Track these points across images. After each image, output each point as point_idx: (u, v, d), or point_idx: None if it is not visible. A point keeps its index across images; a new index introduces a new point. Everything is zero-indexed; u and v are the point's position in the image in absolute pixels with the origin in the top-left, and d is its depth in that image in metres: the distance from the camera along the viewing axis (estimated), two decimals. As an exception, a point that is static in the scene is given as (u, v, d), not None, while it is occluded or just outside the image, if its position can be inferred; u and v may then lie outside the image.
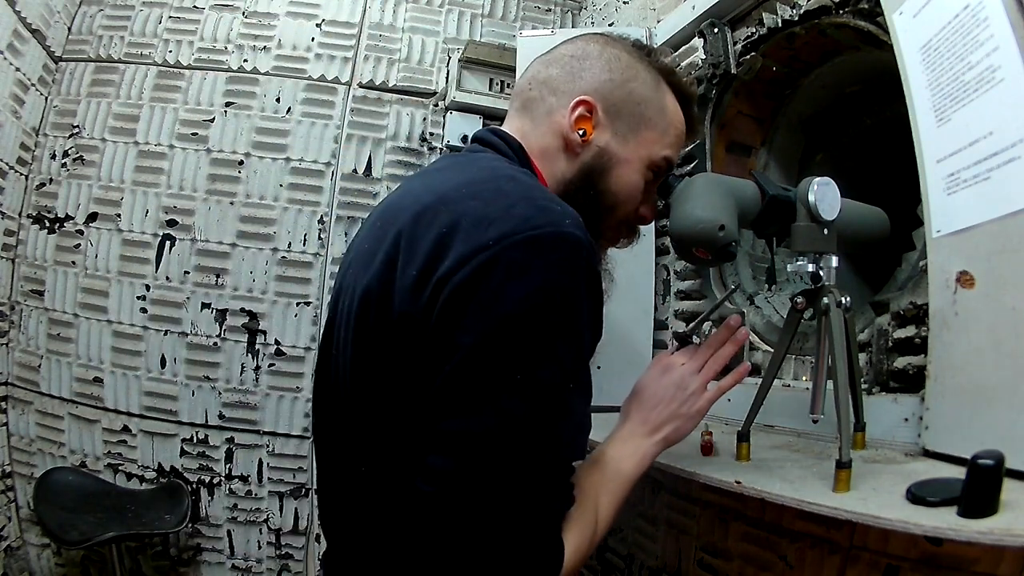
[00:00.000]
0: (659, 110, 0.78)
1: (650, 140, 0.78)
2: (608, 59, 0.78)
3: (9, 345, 1.83)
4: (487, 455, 0.56)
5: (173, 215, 1.86)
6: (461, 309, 0.57)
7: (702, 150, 1.47)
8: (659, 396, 0.79)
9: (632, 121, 0.76)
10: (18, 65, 1.73)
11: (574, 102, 0.75)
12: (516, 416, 0.56)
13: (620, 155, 0.76)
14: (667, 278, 1.56)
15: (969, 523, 0.59)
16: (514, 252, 0.57)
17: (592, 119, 0.75)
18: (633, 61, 0.78)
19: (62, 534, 1.53)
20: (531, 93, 0.79)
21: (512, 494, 0.57)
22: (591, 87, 0.76)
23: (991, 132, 0.76)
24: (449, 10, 2.09)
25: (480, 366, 0.57)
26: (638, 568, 1.49)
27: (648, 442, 0.77)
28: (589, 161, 0.75)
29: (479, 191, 0.64)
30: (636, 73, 0.77)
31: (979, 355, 0.77)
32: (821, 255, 0.85)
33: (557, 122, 0.76)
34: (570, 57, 0.79)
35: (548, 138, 0.76)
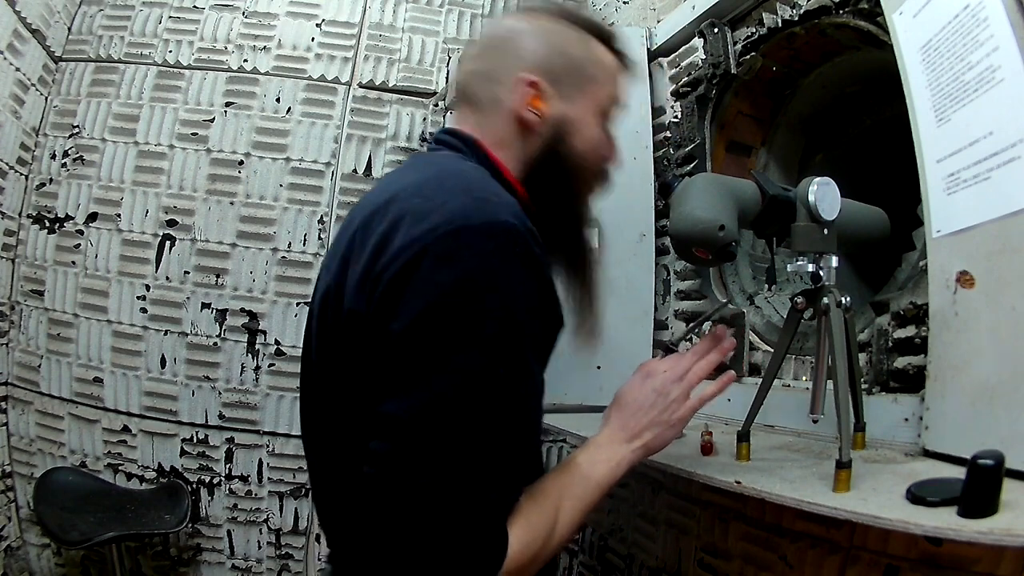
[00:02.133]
0: (594, 62, 0.80)
1: (596, 91, 0.79)
2: (535, 32, 0.78)
3: (9, 345, 1.83)
4: (418, 437, 0.57)
5: (173, 215, 1.86)
6: (395, 299, 0.59)
7: (702, 150, 1.47)
8: (639, 402, 0.79)
9: (576, 82, 0.77)
10: (18, 65, 1.73)
11: (519, 83, 0.75)
12: (444, 398, 0.57)
13: (576, 117, 0.77)
14: (667, 278, 1.56)
15: (969, 523, 0.59)
16: (444, 241, 0.58)
17: (540, 94, 0.75)
18: (558, 25, 0.79)
19: (62, 534, 1.53)
20: (472, 88, 0.79)
21: (444, 476, 0.57)
22: (530, 64, 0.76)
23: (991, 132, 0.76)
24: (449, 10, 2.09)
25: (409, 350, 0.58)
26: (638, 568, 1.49)
27: (625, 448, 0.77)
28: (549, 133, 0.76)
29: (424, 189, 0.65)
30: (565, 36, 0.78)
31: (979, 355, 0.77)
32: (821, 255, 0.85)
33: (508, 108, 0.75)
34: (499, 41, 0.79)
35: (503, 125, 0.76)
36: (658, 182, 1.55)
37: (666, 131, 1.57)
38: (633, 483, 1.58)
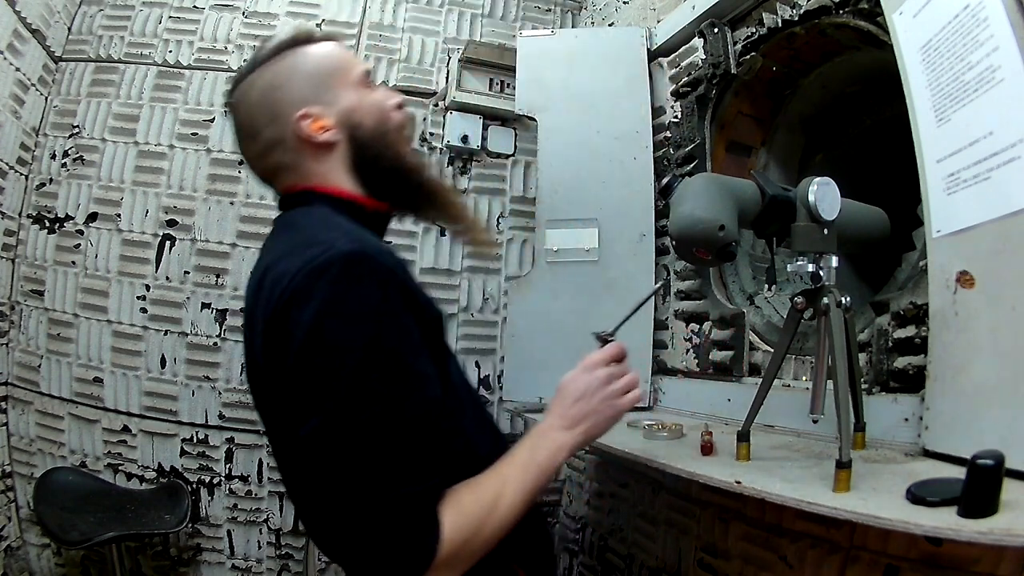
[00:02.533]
0: (318, 62, 0.88)
1: (342, 76, 0.88)
2: (272, 83, 0.87)
3: (9, 345, 1.83)
4: (325, 453, 0.66)
5: (173, 215, 1.86)
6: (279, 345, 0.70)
7: (702, 150, 1.47)
8: (579, 392, 0.84)
9: (325, 85, 0.87)
10: (18, 65, 1.73)
11: (295, 124, 0.84)
12: (334, 413, 0.66)
13: (347, 106, 0.87)
14: (667, 278, 1.56)
15: (969, 523, 0.59)
16: (298, 285, 0.68)
17: (315, 116, 0.84)
18: (276, 67, 0.88)
19: (62, 534, 1.53)
20: (272, 162, 0.87)
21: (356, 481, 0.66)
22: (289, 103, 0.84)
23: (991, 132, 0.76)
24: (449, 10, 2.09)
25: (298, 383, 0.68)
26: (638, 568, 1.50)
27: (566, 435, 0.82)
28: (345, 135, 0.86)
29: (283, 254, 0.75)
30: (293, 63, 0.88)
31: (979, 355, 0.77)
32: (821, 255, 0.85)
33: (304, 149, 0.85)
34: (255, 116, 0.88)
35: (315, 161, 0.85)
36: (658, 182, 1.55)
37: (666, 131, 1.57)
38: (633, 483, 1.58)
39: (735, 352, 1.31)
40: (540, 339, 1.54)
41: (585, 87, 1.62)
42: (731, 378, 1.31)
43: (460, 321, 1.97)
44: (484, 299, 1.99)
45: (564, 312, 1.55)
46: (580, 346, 1.51)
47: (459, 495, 0.71)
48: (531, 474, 0.78)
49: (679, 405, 1.43)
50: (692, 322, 1.46)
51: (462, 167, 2.02)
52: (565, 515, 1.98)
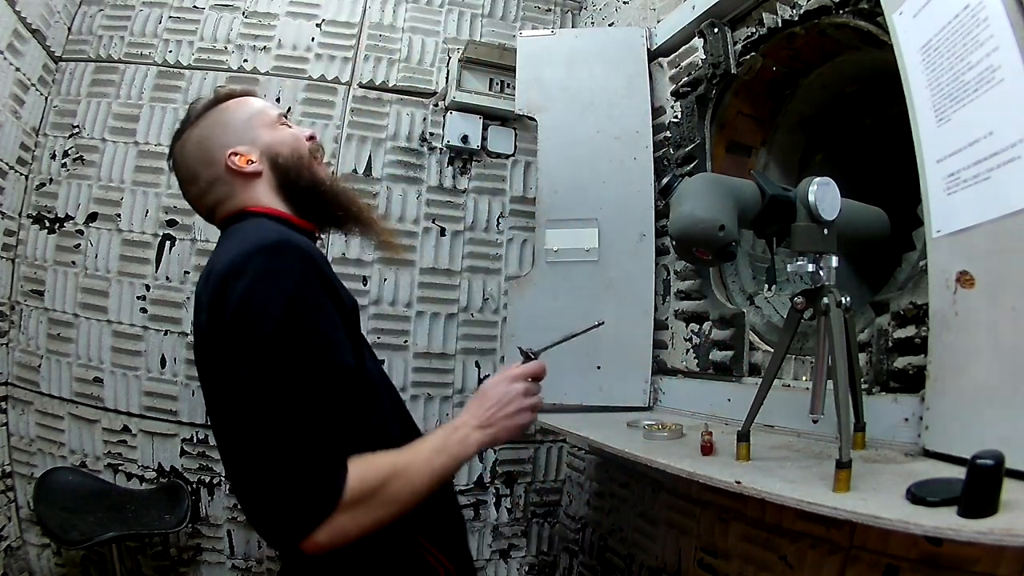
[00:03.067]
0: (240, 110, 1.06)
1: (260, 120, 1.06)
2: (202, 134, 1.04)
3: (9, 345, 1.83)
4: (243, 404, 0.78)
5: (173, 215, 1.86)
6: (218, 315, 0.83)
7: (702, 150, 1.47)
8: (497, 399, 0.95)
9: (246, 127, 1.04)
10: (18, 65, 1.73)
11: (225, 163, 1.00)
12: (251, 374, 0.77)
13: (268, 141, 1.04)
14: (667, 278, 1.56)
15: (969, 523, 0.59)
16: (233, 266, 0.83)
17: (242, 153, 1.02)
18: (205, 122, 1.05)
19: (62, 534, 1.53)
20: (211, 200, 1.03)
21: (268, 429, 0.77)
22: (220, 147, 1.02)
23: (991, 132, 0.76)
24: (449, 10, 2.09)
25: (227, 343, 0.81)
26: (638, 568, 1.50)
27: (478, 433, 0.92)
28: (268, 163, 1.03)
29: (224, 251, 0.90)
30: (218, 116, 1.05)
31: (979, 355, 0.77)
32: (821, 255, 0.85)
33: (240, 179, 1.01)
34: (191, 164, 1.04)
35: (245, 189, 1.01)
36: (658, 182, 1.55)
37: (666, 131, 1.57)
38: (633, 483, 1.58)
39: (735, 352, 1.31)
40: (540, 339, 1.54)
41: (585, 87, 1.62)
42: (731, 378, 1.31)
43: (460, 321, 1.97)
44: (484, 299, 1.99)
45: (564, 312, 1.55)
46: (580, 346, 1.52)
47: (370, 456, 0.82)
48: (441, 458, 0.88)
49: (679, 405, 1.43)
50: (692, 322, 1.46)
51: (462, 167, 2.02)
52: (565, 515, 1.98)
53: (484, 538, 1.96)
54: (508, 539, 1.98)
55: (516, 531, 1.99)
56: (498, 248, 2.02)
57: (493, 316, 1.99)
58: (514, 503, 1.98)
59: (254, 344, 0.78)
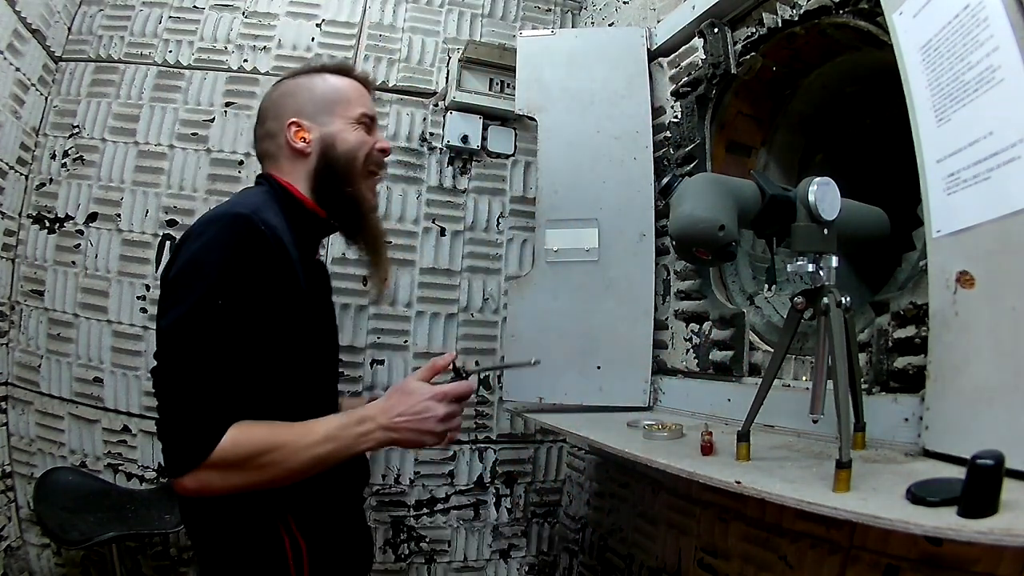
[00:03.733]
0: (335, 91, 1.12)
1: (344, 109, 1.11)
2: (284, 92, 1.12)
3: (9, 345, 1.83)
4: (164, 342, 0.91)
5: (173, 215, 1.86)
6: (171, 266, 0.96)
7: (702, 150, 1.47)
8: (415, 409, 0.97)
9: (325, 109, 1.10)
10: (18, 65, 1.73)
11: (285, 126, 1.08)
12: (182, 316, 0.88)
13: (333, 130, 1.10)
14: (667, 278, 1.56)
15: (969, 523, 0.59)
16: (197, 227, 0.95)
17: (303, 128, 1.08)
18: (302, 79, 1.13)
19: (62, 534, 1.53)
20: (263, 147, 1.14)
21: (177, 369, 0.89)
22: (289, 113, 1.09)
23: (991, 132, 0.76)
24: (449, 10, 2.09)
25: (170, 289, 0.94)
26: (638, 568, 1.50)
27: (379, 433, 0.95)
28: (319, 149, 1.09)
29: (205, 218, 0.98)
30: (304, 83, 1.12)
31: (979, 355, 0.77)
32: (821, 255, 0.85)
33: (288, 148, 1.09)
34: (268, 109, 1.13)
35: (292, 161, 1.09)
36: (658, 182, 1.55)
37: (666, 131, 1.57)
38: (633, 483, 1.58)
39: (735, 352, 1.31)
40: (540, 339, 1.54)
41: (585, 87, 1.62)
42: (731, 378, 1.31)
43: (460, 321, 1.97)
44: (484, 299, 1.99)
45: (564, 312, 1.55)
46: (580, 346, 1.52)
47: (254, 425, 0.89)
48: (329, 445, 0.92)
49: (679, 405, 1.43)
50: (692, 322, 1.46)
51: (462, 167, 2.02)
52: (565, 515, 1.98)
53: (484, 538, 1.96)
54: (508, 539, 1.98)
55: (516, 531, 1.99)
56: (498, 248, 2.02)
57: (493, 316, 1.99)
58: (514, 503, 1.98)
59: (183, 300, 0.88)
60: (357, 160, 1.11)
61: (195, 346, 0.87)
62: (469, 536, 1.95)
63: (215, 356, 0.87)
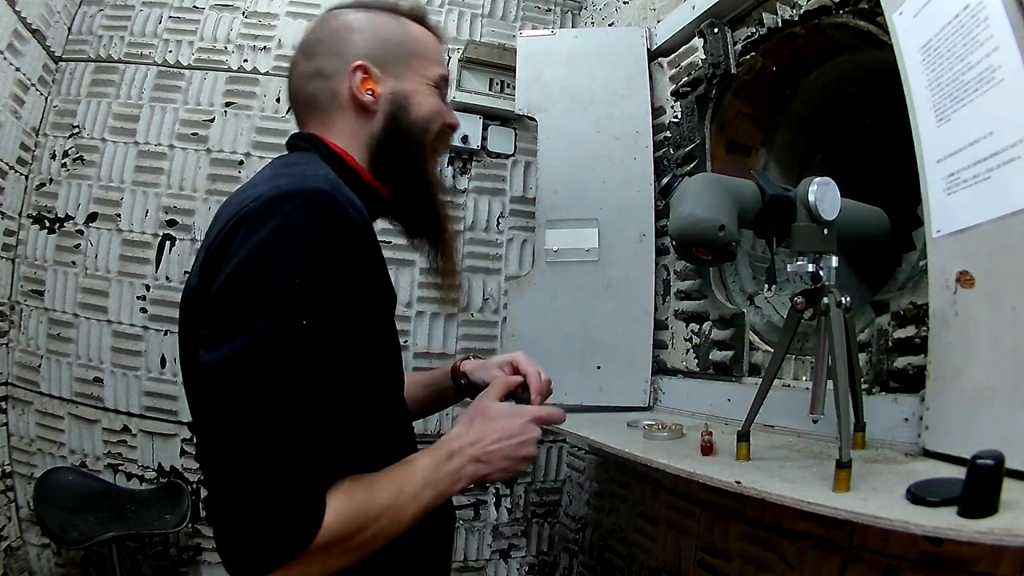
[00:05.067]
0: (414, 41, 0.87)
1: (422, 65, 0.86)
2: (352, 24, 0.85)
3: (9, 345, 1.83)
4: (229, 383, 0.60)
5: (173, 215, 1.86)
6: (215, 265, 0.65)
7: (702, 150, 1.47)
8: (511, 434, 0.79)
9: (401, 61, 0.85)
10: (18, 65, 1.73)
11: (349, 69, 0.81)
12: (250, 345, 0.60)
13: (408, 89, 0.84)
14: (667, 278, 1.56)
15: (969, 523, 0.59)
16: (256, 209, 0.64)
17: (371, 76, 0.82)
18: (371, 15, 0.86)
19: (62, 534, 1.53)
20: (308, 90, 0.84)
21: (253, 426, 0.59)
22: (356, 53, 0.82)
23: (991, 132, 0.76)
24: (449, 10, 2.09)
25: (222, 305, 0.62)
26: (638, 568, 1.50)
27: (473, 467, 0.76)
28: (388, 109, 0.83)
29: (259, 180, 0.73)
30: (382, 22, 0.86)
31: (979, 355, 0.77)
32: (821, 255, 0.85)
33: (345, 97, 0.82)
34: (322, 42, 0.85)
35: (345, 115, 0.82)
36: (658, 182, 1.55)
37: (666, 131, 1.57)
38: (633, 483, 1.58)
39: (735, 352, 1.31)
40: (540, 339, 1.54)
41: (585, 87, 1.62)
42: (731, 378, 1.31)
43: (460, 321, 1.97)
44: (484, 299, 1.99)
45: (564, 312, 1.55)
46: (580, 346, 1.52)
47: (352, 488, 0.66)
48: (429, 490, 0.72)
49: (679, 405, 1.43)
50: (692, 322, 1.46)
51: (462, 167, 2.02)
52: (565, 515, 1.98)
53: (484, 538, 1.96)
54: (508, 539, 1.98)
55: (516, 531, 1.99)
56: (498, 248, 2.02)
57: (493, 316, 1.99)
58: (514, 503, 1.98)
59: (248, 322, 0.60)
60: (430, 132, 0.86)
61: (273, 389, 0.60)
62: (469, 536, 1.95)
63: (301, 400, 0.61)
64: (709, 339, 1.38)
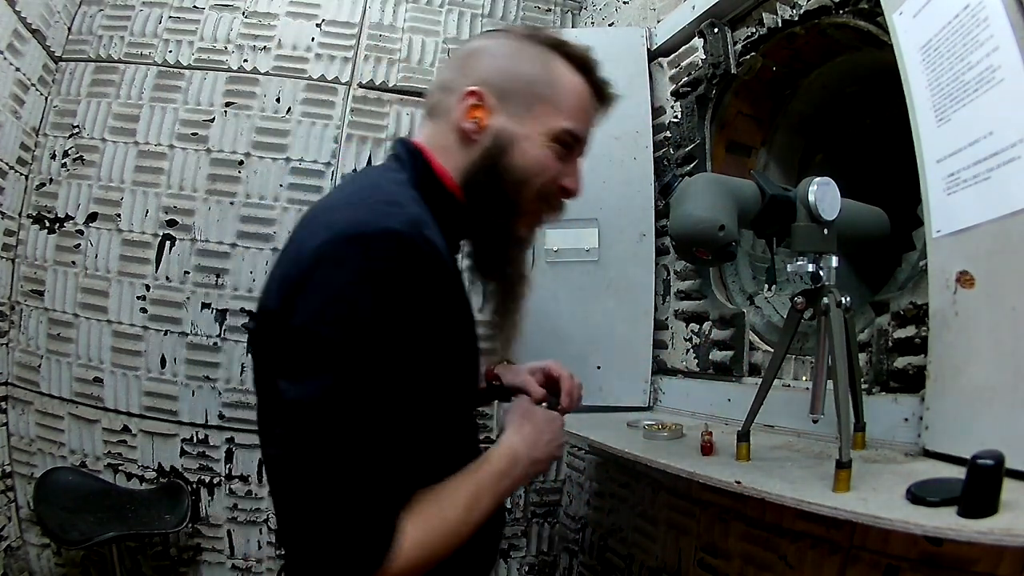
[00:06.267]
0: (550, 84, 0.80)
1: (547, 113, 0.80)
2: (493, 48, 0.82)
3: (9, 345, 1.83)
4: (304, 420, 0.63)
5: (173, 215, 1.86)
6: (294, 299, 0.65)
7: (702, 150, 1.47)
8: (552, 436, 0.84)
9: (525, 100, 0.79)
10: (18, 65, 1.73)
11: (463, 94, 0.78)
12: (327, 387, 0.62)
13: (518, 133, 0.79)
14: (667, 278, 1.56)
15: (969, 523, 0.59)
16: (338, 247, 0.64)
17: (483, 106, 0.78)
18: (519, 44, 0.81)
19: (62, 534, 1.53)
20: (433, 99, 0.84)
21: (332, 460, 0.61)
22: (480, 77, 0.79)
23: (991, 132, 0.76)
24: (449, 10, 2.09)
25: (305, 342, 0.64)
26: (638, 568, 1.49)
27: (529, 468, 0.80)
28: (488, 144, 0.78)
29: (344, 202, 0.73)
30: (522, 54, 0.80)
31: (979, 355, 0.77)
32: (821, 255, 0.85)
33: (453, 118, 0.79)
34: (460, 57, 0.85)
35: (448, 135, 0.80)
36: (658, 182, 1.55)
37: (666, 131, 1.57)
38: (633, 483, 1.58)
39: (735, 352, 1.31)
40: (540, 339, 1.54)
41: (585, 87, 1.62)
42: (731, 378, 1.31)
43: (460, 321, 1.97)
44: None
45: (564, 312, 1.55)
46: (580, 346, 1.52)
47: (424, 510, 0.67)
48: (493, 501, 0.74)
49: (679, 405, 1.43)
50: (692, 322, 1.46)
51: (462, 167, 2.02)
52: (565, 515, 1.98)
53: (484, 538, 1.97)
54: (508, 539, 1.98)
55: (516, 531, 1.99)
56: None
57: (493, 316, 1.99)
58: (514, 503, 1.98)
59: (331, 363, 0.62)
60: (528, 186, 0.80)
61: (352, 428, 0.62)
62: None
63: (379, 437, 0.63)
64: (709, 339, 1.38)
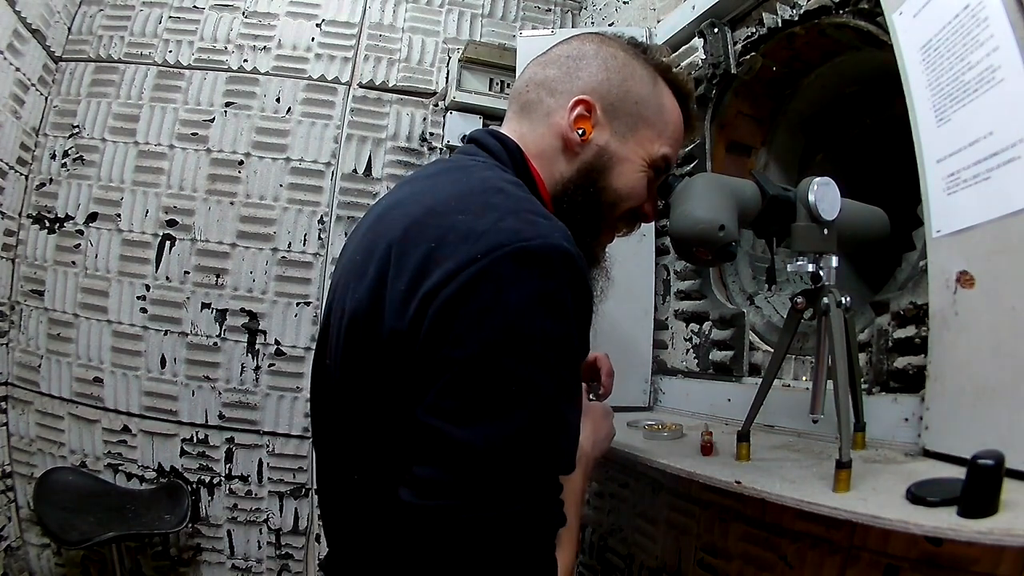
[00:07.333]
0: (656, 108, 0.79)
1: (649, 138, 0.78)
2: (605, 58, 0.78)
3: (9, 345, 1.83)
4: (485, 466, 0.55)
5: (173, 215, 1.86)
6: (450, 323, 0.56)
7: (702, 150, 1.47)
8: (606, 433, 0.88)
9: (630, 120, 0.77)
10: (18, 65, 1.73)
11: (573, 101, 0.74)
12: (518, 427, 0.55)
13: (620, 153, 0.76)
14: (667, 278, 1.56)
15: (969, 523, 0.59)
16: (504, 264, 0.56)
17: (591, 118, 0.75)
18: (629, 59, 0.78)
19: (62, 534, 1.53)
20: (529, 95, 0.79)
21: (507, 507, 0.55)
22: (589, 86, 0.76)
23: (991, 132, 0.76)
24: (449, 10, 2.09)
25: (478, 378, 0.56)
26: (638, 568, 1.49)
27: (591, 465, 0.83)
28: (589, 160, 0.75)
29: (467, 204, 0.63)
30: (633, 71, 0.78)
31: (979, 355, 0.76)
32: (821, 255, 0.85)
33: (556, 123, 0.75)
34: (567, 57, 0.79)
35: (547, 139, 0.76)
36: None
37: (666, 131, 1.57)
38: (633, 483, 1.58)
39: (735, 352, 1.31)
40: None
41: (585, 87, 1.61)
42: (731, 378, 1.31)
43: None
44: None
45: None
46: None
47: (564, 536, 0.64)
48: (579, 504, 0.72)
49: (679, 405, 1.43)
50: (692, 322, 1.46)
51: (462, 167, 2.02)
52: (565, 515, 1.98)
53: (484, 538, 1.96)
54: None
55: (516, 531, 1.99)
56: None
57: (493, 316, 1.99)
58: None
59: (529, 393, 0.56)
60: (618, 208, 0.78)
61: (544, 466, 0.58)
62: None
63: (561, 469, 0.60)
64: (709, 339, 1.38)
